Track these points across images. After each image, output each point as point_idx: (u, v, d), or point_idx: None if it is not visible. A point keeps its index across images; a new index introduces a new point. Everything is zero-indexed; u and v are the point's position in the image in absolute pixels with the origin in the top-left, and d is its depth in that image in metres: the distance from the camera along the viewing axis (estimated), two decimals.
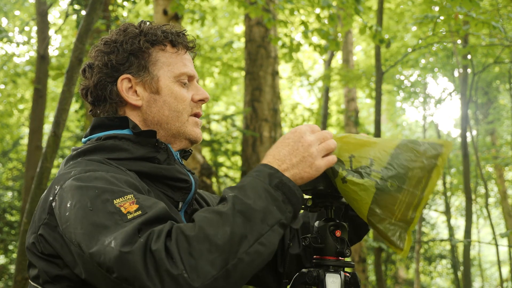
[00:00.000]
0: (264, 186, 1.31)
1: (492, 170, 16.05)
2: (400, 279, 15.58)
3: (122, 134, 1.55)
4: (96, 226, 1.27)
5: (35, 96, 8.88)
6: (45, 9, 9.34)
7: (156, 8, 7.19)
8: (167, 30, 1.65)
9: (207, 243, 1.20)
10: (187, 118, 1.63)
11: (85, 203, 1.30)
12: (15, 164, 12.05)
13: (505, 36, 6.72)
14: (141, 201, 1.32)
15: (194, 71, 1.68)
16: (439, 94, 15.40)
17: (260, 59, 9.67)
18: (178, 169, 1.59)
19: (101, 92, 1.61)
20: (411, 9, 11.71)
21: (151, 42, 1.62)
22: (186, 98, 1.63)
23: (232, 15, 13.87)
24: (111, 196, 1.31)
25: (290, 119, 14.56)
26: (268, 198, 1.30)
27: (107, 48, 1.62)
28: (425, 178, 1.50)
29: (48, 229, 1.38)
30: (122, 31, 1.63)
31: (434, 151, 1.52)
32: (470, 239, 8.29)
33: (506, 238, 13.60)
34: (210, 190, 6.87)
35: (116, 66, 1.59)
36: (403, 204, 1.49)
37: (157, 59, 1.62)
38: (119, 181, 1.38)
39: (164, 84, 1.61)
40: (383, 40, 6.10)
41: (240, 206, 1.26)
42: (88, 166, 1.44)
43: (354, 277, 1.62)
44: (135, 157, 1.53)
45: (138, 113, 1.62)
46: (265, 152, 8.75)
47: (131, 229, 1.23)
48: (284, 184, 1.33)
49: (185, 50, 1.67)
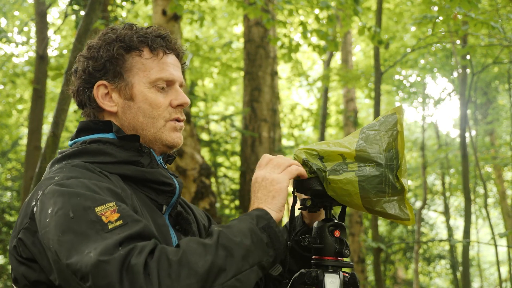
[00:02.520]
0: (251, 226, 1.35)
1: (491, 171, 16.06)
2: (399, 279, 15.59)
3: (106, 138, 1.57)
4: (76, 235, 1.27)
5: (34, 96, 8.87)
6: (44, 9, 9.33)
7: (155, 8, 7.19)
8: (145, 34, 1.63)
9: (187, 269, 1.22)
10: (164, 123, 1.62)
11: (66, 211, 1.31)
12: (14, 165, 12.04)
13: (504, 37, 6.72)
14: (123, 210, 1.33)
15: (175, 75, 1.65)
16: (438, 94, 15.40)
17: (259, 59, 9.67)
18: (162, 172, 1.60)
19: (81, 97, 1.64)
20: (410, 9, 11.71)
21: (125, 49, 1.60)
22: (162, 104, 1.62)
23: (231, 15, 13.86)
24: (92, 204, 1.32)
25: (289, 119, 14.56)
26: (253, 237, 1.33)
27: (88, 53, 1.63)
28: (394, 147, 1.57)
29: (28, 233, 1.39)
30: (102, 36, 1.64)
31: (390, 121, 1.61)
32: (469, 240, 8.29)
33: (505, 238, 13.59)
34: (209, 190, 6.87)
35: (93, 72, 1.60)
36: (388, 178, 1.54)
37: (132, 65, 1.61)
38: (101, 189, 1.38)
39: (138, 91, 1.60)
40: (382, 41, 6.10)
41: (225, 240, 1.29)
42: (71, 173, 1.44)
43: (353, 278, 1.62)
44: (118, 160, 1.54)
45: (115, 119, 1.63)
46: (264, 152, 8.76)
47: (112, 241, 1.24)
48: (271, 227, 1.37)
49: (163, 54, 1.64)
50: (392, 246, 14.34)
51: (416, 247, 13.76)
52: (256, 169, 1.56)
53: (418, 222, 13.69)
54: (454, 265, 13.83)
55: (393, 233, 15.06)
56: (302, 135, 15.34)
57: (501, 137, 16.34)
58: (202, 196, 6.74)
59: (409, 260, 14.94)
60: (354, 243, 10.94)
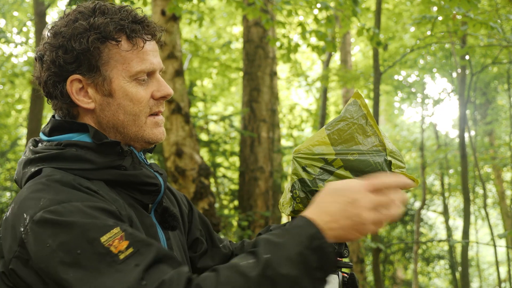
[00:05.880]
0: (301, 249, 1.21)
1: (490, 171, 16.07)
2: (398, 280, 15.59)
3: (83, 143, 1.44)
4: (86, 271, 1.19)
5: (33, 96, 8.86)
6: (43, 9, 9.32)
7: (154, 8, 7.18)
8: (121, 20, 1.45)
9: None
10: (145, 120, 1.50)
11: (70, 246, 1.21)
12: (13, 165, 12.02)
13: (503, 37, 6.73)
14: (130, 235, 1.25)
15: (155, 63, 1.49)
16: (438, 94, 15.40)
17: (258, 59, 9.67)
18: (146, 173, 1.51)
19: (52, 90, 1.48)
20: (410, 10, 11.72)
21: (101, 40, 1.43)
22: (144, 98, 1.48)
23: (230, 15, 13.86)
24: (96, 234, 1.22)
25: (288, 120, 14.56)
26: (301, 265, 1.20)
27: (55, 41, 1.44)
28: (366, 129, 1.58)
29: (20, 263, 1.26)
30: (72, 22, 1.44)
31: (354, 107, 1.61)
32: (468, 240, 8.30)
33: (504, 239, 13.59)
34: (208, 191, 6.86)
35: (64, 65, 1.43)
36: (375, 161, 1.55)
37: (109, 57, 1.44)
38: (98, 212, 1.27)
39: (118, 86, 1.45)
40: (380, 43, 6.10)
41: (270, 272, 1.18)
42: (58, 195, 1.29)
43: (352, 278, 1.62)
44: (99, 167, 1.43)
45: (92, 115, 1.49)
46: (263, 152, 8.70)
47: (133, 279, 1.17)
48: (323, 249, 1.23)
49: (143, 43, 1.47)
50: (391, 246, 14.35)
51: (415, 247, 13.76)
52: (354, 183, 1.30)
53: (417, 223, 13.69)
54: (453, 266, 13.83)
55: (392, 233, 15.06)
56: (301, 136, 15.33)
57: (500, 137, 16.35)
58: (201, 196, 6.73)
59: (408, 260, 14.94)
60: (353, 243, 10.93)
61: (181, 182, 6.41)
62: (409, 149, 16.48)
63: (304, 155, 1.60)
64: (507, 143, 14.94)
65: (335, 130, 1.60)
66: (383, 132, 1.60)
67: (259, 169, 9.15)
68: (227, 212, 10.08)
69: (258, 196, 9.08)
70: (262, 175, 9.14)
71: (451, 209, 17.36)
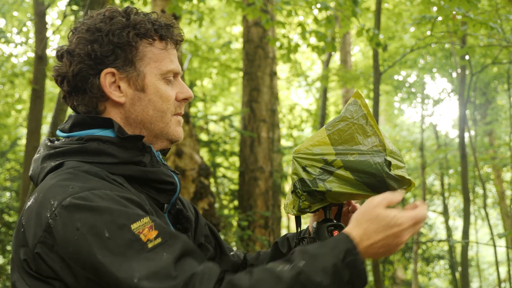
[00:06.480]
0: (336, 262, 1.26)
1: (490, 171, 16.06)
2: (398, 280, 15.58)
3: (106, 137, 1.46)
4: (115, 255, 1.21)
5: (32, 96, 8.85)
6: (43, 9, 9.32)
7: (154, 8, 7.19)
8: (156, 22, 1.54)
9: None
10: (171, 118, 1.56)
11: (100, 230, 1.23)
12: (13, 165, 12.03)
13: (503, 37, 6.72)
14: (159, 226, 1.28)
15: (179, 66, 1.58)
16: (438, 94, 15.38)
17: (258, 59, 9.67)
18: (164, 171, 1.54)
19: (81, 83, 1.49)
20: (409, 10, 11.72)
21: (140, 36, 1.50)
22: (171, 97, 1.54)
23: (230, 15, 13.86)
24: (127, 221, 1.25)
25: (288, 120, 14.56)
26: (334, 276, 1.25)
27: (90, 36, 1.47)
28: (366, 129, 1.57)
29: (46, 248, 1.27)
30: (108, 19, 1.49)
31: (354, 107, 1.61)
32: (468, 240, 8.29)
33: (504, 239, 13.59)
34: (208, 191, 6.87)
35: (100, 58, 1.47)
36: (375, 161, 1.54)
37: (144, 54, 1.50)
38: (127, 201, 1.31)
39: (150, 82, 1.51)
40: (380, 43, 6.10)
41: (303, 278, 1.23)
42: (87, 183, 1.32)
43: None
44: (120, 161, 1.45)
45: (120, 110, 1.52)
46: (263, 152, 8.71)
47: (162, 267, 1.20)
48: (356, 265, 1.28)
49: (174, 45, 1.57)
50: None
51: (415, 247, 13.76)
52: (402, 214, 1.39)
53: None
54: (453, 266, 13.82)
55: None
56: (301, 136, 15.33)
57: (500, 137, 16.35)
58: (201, 196, 6.74)
59: (408, 260, 14.93)
60: None
61: (181, 182, 6.42)
62: (409, 149, 16.48)
63: (304, 155, 1.60)
64: (507, 143, 14.93)
65: (335, 130, 1.59)
66: (383, 132, 1.60)
67: (259, 169, 9.15)
68: (227, 212, 10.08)
69: (258, 196, 9.08)
70: (262, 175, 9.14)
71: (451, 209, 17.36)
